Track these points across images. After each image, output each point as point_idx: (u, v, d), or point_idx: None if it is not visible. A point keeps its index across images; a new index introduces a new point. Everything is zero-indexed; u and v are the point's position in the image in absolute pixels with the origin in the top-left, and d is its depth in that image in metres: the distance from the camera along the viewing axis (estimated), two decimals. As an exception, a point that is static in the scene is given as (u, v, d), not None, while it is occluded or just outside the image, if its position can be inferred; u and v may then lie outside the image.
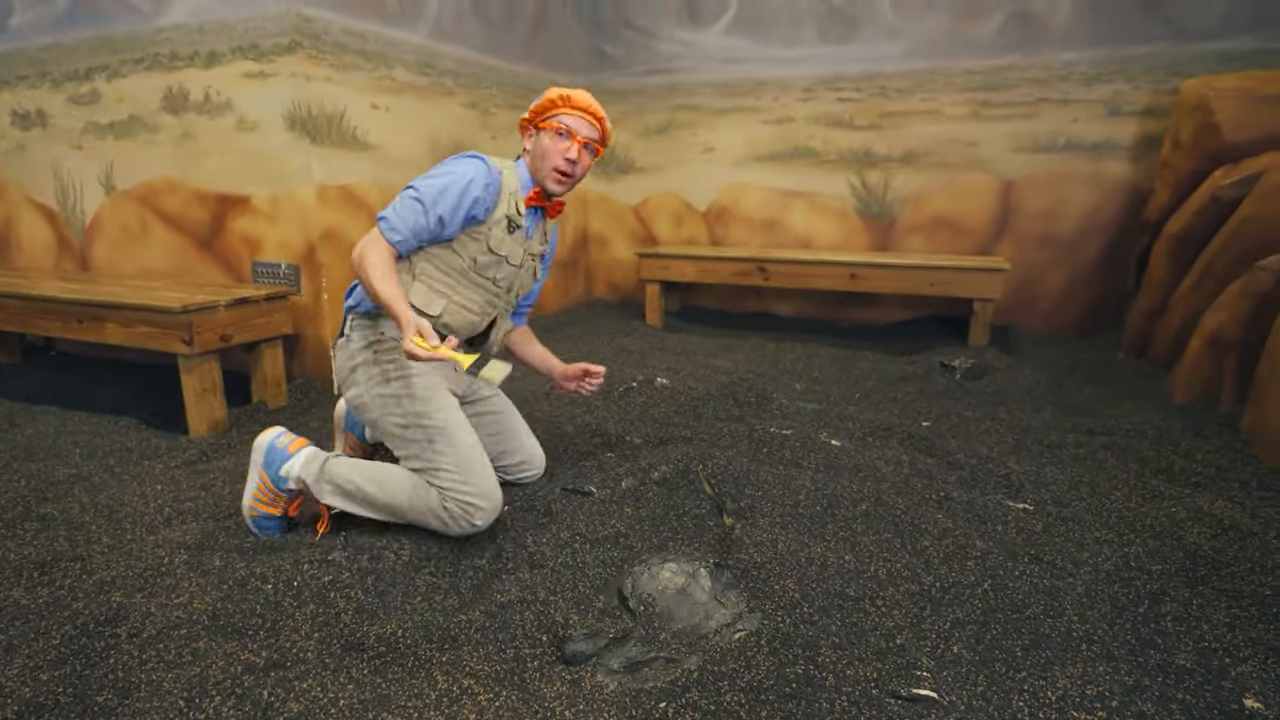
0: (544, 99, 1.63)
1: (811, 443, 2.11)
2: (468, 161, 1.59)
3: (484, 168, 1.58)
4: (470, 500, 1.52)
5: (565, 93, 1.62)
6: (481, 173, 1.57)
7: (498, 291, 1.72)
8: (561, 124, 1.61)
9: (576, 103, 1.62)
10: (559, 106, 1.62)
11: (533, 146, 1.66)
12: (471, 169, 1.57)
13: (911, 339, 3.70)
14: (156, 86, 2.74)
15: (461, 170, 1.56)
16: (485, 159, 1.61)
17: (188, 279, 2.85)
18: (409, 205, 1.53)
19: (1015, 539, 1.61)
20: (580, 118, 1.63)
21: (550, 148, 1.62)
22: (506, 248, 1.66)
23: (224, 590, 1.42)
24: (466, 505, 1.52)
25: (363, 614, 1.35)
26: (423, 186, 1.53)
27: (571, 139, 1.62)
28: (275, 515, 1.66)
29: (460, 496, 1.52)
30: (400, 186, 3.08)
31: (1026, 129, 3.53)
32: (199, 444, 2.30)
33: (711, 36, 4.06)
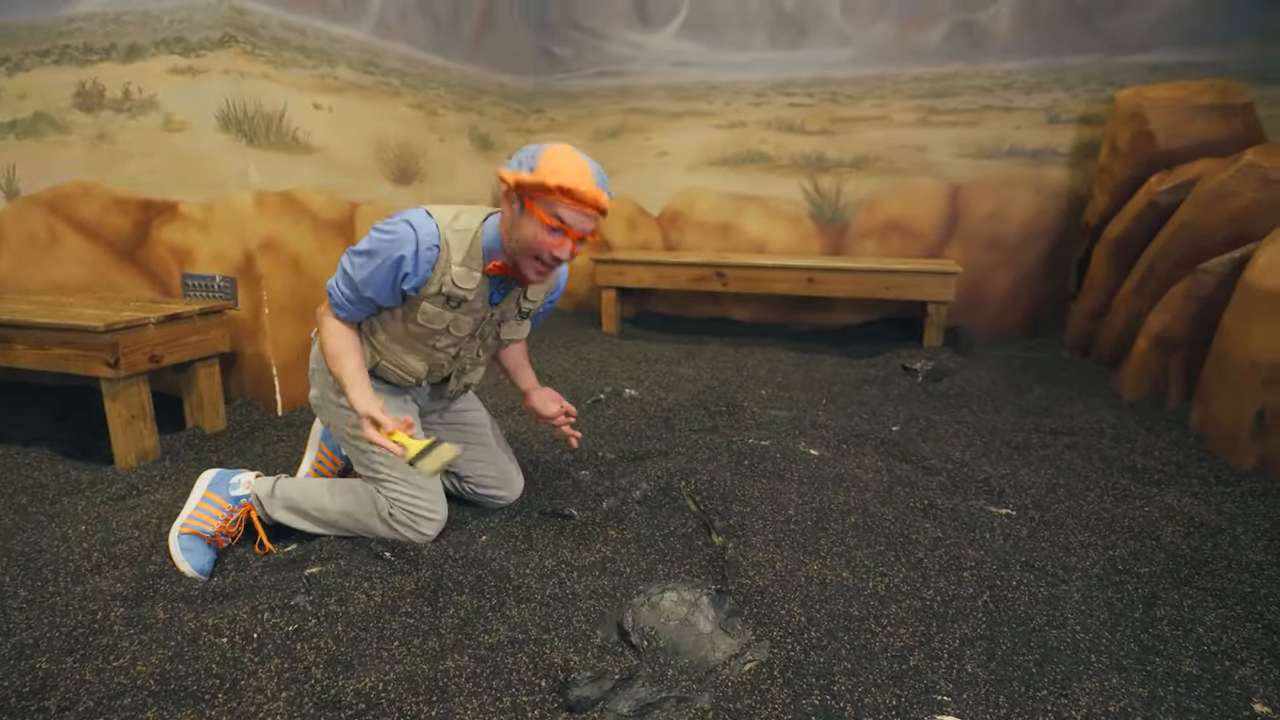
0: (539, 178, 1.33)
1: (791, 453, 2.08)
2: (403, 229, 1.42)
3: (414, 240, 1.41)
4: (417, 511, 1.58)
5: (567, 182, 1.32)
6: (411, 247, 1.42)
7: (442, 359, 1.62)
8: (556, 217, 1.36)
9: (581, 197, 1.34)
10: (558, 198, 1.34)
11: (513, 219, 1.40)
12: (404, 242, 1.41)
13: (867, 342, 3.75)
14: (67, 82, 2.48)
15: (390, 245, 1.42)
16: (428, 223, 1.43)
17: (107, 293, 2.60)
18: (345, 281, 1.47)
19: (1004, 546, 1.61)
20: (580, 211, 1.36)
21: (536, 236, 1.38)
22: (443, 321, 1.53)
23: (171, 648, 1.26)
24: (413, 515, 1.58)
25: (335, 666, 1.22)
26: (355, 263, 1.45)
27: (565, 235, 1.38)
28: (206, 533, 1.59)
29: (407, 506, 1.58)
30: (346, 192, 2.95)
31: (972, 135, 3.62)
32: (127, 476, 2.08)
33: (662, 39, 4.01)
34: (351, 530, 1.63)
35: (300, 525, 1.64)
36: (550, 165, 1.34)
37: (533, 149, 1.39)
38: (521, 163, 1.38)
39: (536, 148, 1.39)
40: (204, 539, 1.58)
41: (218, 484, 1.67)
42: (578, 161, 1.36)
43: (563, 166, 1.34)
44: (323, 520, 1.63)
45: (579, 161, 1.37)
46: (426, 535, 1.60)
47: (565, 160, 1.36)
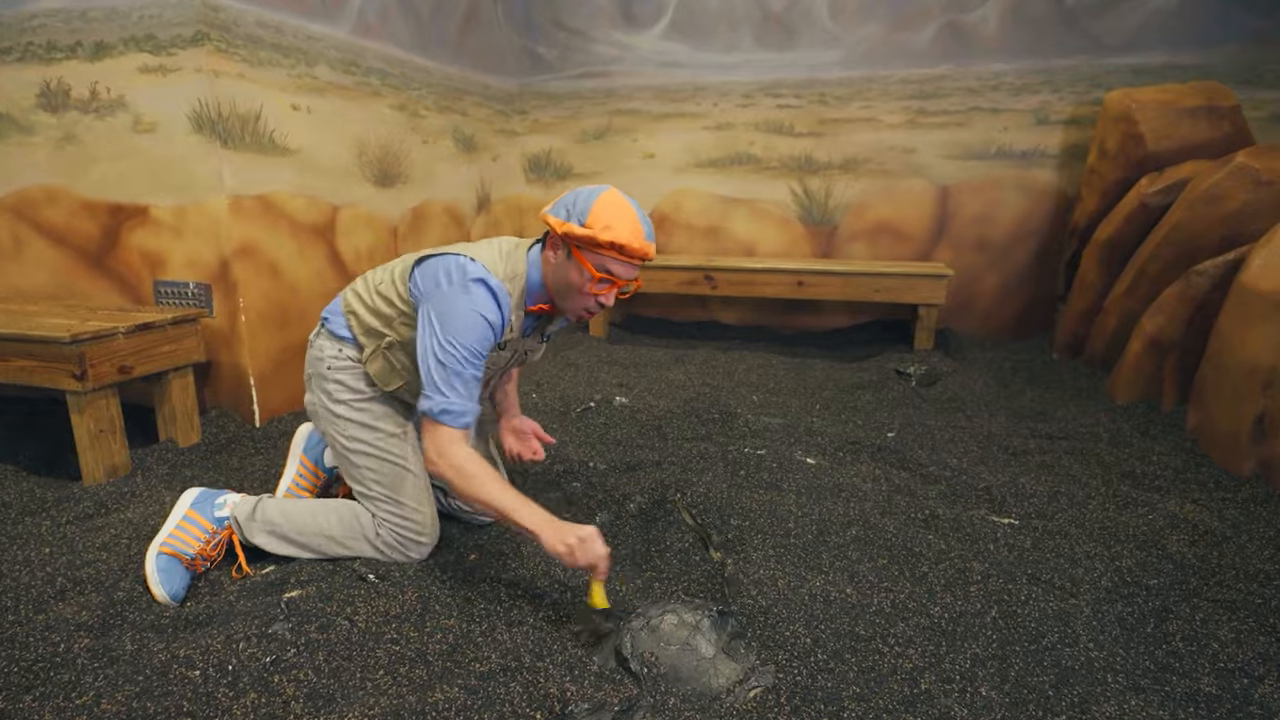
0: (592, 233, 1.30)
1: (788, 462, 2.03)
2: (484, 296, 1.36)
3: (499, 305, 1.37)
4: (406, 533, 1.52)
5: (619, 239, 1.30)
6: (498, 314, 1.38)
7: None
8: (605, 270, 1.35)
9: (633, 254, 1.34)
10: (610, 254, 1.33)
11: (558, 265, 1.39)
12: (492, 309, 1.36)
13: (857, 345, 3.72)
14: (30, 81, 2.38)
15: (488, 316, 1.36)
16: (492, 285, 1.36)
17: (74, 301, 2.49)
18: (457, 378, 1.34)
19: (1009, 558, 1.57)
20: (630, 265, 1.37)
21: (583, 287, 1.37)
22: (489, 360, 1.50)
23: (139, 683, 1.18)
24: (403, 539, 1.52)
25: (317, 700, 1.15)
26: (460, 349, 1.33)
27: (613, 284, 1.38)
28: (186, 555, 1.51)
29: (397, 528, 1.52)
30: (326, 196, 2.85)
31: (960, 137, 3.61)
32: (95, 494, 1.99)
33: (648, 40, 3.96)
34: (333, 555, 1.55)
35: (280, 550, 1.56)
36: (602, 219, 1.32)
37: (583, 196, 1.36)
38: (571, 212, 1.35)
39: (587, 194, 1.36)
40: (182, 561, 1.49)
41: (201, 503, 1.58)
42: (629, 215, 1.34)
43: (615, 221, 1.32)
44: (303, 545, 1.55)
45: (630, 215, 1.35)
46: (412, 558, 1.54)
47: (617, 214, 1.33)
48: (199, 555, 1.51)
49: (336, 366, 1.53)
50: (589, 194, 1.36)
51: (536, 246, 1.48)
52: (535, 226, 4.40)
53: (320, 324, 1.58)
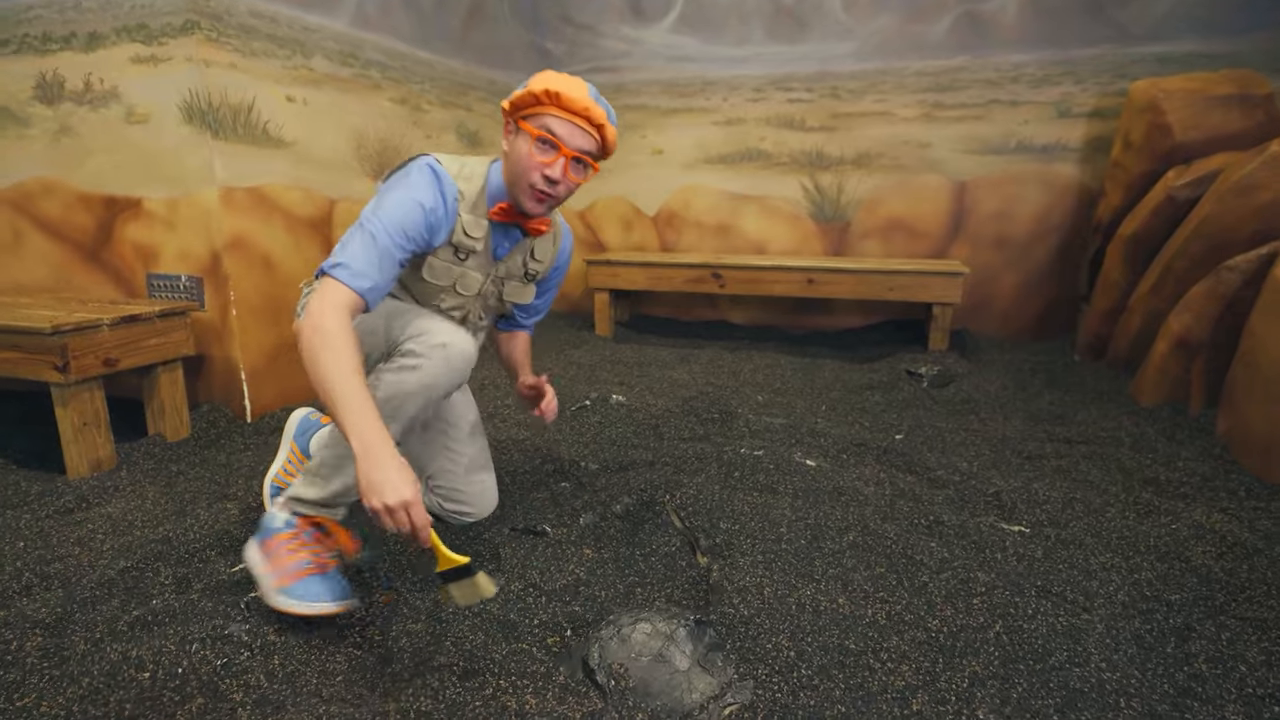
0: (526, 88, 1.28)
1: (786, 464, 1.94)
2: (427, 176, 1.31)
3: (439, 187, 1.31)
4: (424, 342, 1.27)
5: (554, 86, 1.24)
6: (437, 193, 1.31)
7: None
8: (545, 128, 1.26)
9: (568, 103, 1.25)
10: (543, 104, 1.26)
11: (510, 149, 1.33)
12: (431, 188, 1.30)
13: (869, 345, 3.61)
14: (26, 73, 2.37)
15: (422, 191, 1.29)
16: (437, 170, 1.32)
17: (70, 294, 2.48)
18: (368, 242, 1.20)
19: (1017, 568, 1.46)
20: (571, 122, 1.26)
21: (528, 157, 1.28)
22: (450, 276, 1.42)
23: (85, 685, 1.13)
24: (426, 345, 1.27)
25: (265, 708, 1.09)
26: (384, 216, 1.23)
27: (557, 151, 1.27)
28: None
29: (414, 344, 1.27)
30: (323, 189, 2.82)
31: (978, 131, 3.48)
32: (78, 487, 1.95)
33: (657, 34, 3.89)
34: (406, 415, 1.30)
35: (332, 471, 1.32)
36: (541, 79, 1.28)
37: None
38: (518, 88, 1.32)
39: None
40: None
41: (302, 436, 1.62)
42: (571, 79, 1.29)
43: (553, 78, 1.28)
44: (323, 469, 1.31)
45: (573, 78, 1.29)
46: (456, 366, 1.28)
47: (556, 76, 1.29)
48: (307, 555, 1.30)
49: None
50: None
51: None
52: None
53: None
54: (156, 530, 1.68)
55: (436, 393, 1.29)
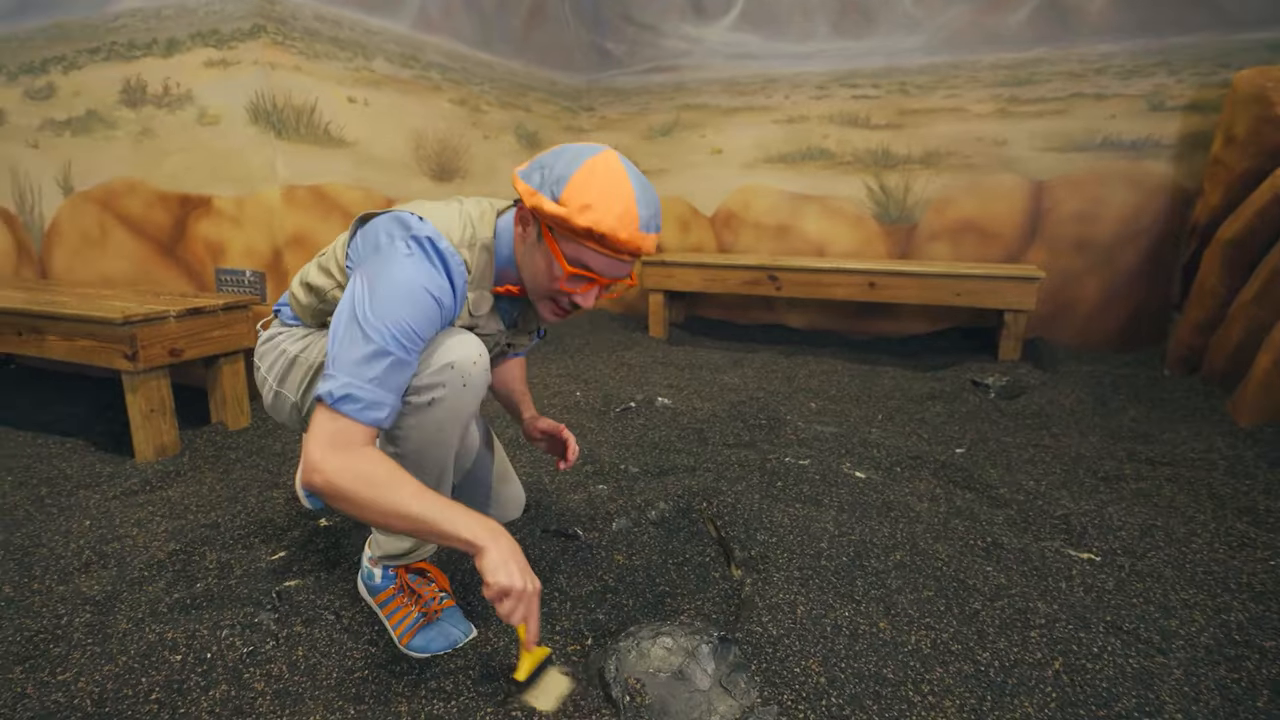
0: (565, 213, 1.02)
1: (833, 475, 1.84)
2: (426, 269, 1.04)
3: (448, 277, 1.07)
4: (429, 370, 1.08)
5: (603, 229, 1.01)
6: (446, 285, 1.07)
7: None
8: (581, 264, 1.07)
9: (618, 244, 1.04)
10: (583, 241, 1.04)
11: (527, 246, 1.12)
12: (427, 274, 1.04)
13: (935, 353, 3.43)
14: (114, 78, 2.52)
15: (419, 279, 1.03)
16: (441, 249, 1.06)
17: (149, 287, 2.62)
18: (374, 356, 0.98)
19: (1084, 600, 1.33)
20: (613, 260, 1.07)
21: (545, 273, 1.10)
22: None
23: (121, 664, 1.16)
24: (412, 395, 1.08)
25: (284, 700, 1.09)
26: (387, 323, 0.99)
27: (591, 282, 1.10)
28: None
29: (419, 379, 1.08)
30: (381, 189, 2.89)
31: (1059, 126, 3.26)
32: (144, 471, 2.05)
33: (718, 31, 3.82)
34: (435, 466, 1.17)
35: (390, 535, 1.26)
36: (581, 196, 1.02)
37: (566, 158, 1.06)
38: (545, 179, 1.05)
39: (571, 156, 1.06)
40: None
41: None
42: (620, 193, 1.03)
43: (599, 200, 1.02)
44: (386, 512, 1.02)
45: (622, 193, 1.03)
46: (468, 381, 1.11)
47: (604, 190, 1.02)
48: (418, 610, 1.25)
49: (283, 332, 1.34)
50: (573, 156, 1.05)
51: (511, 212, 1.18)
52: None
53: (270, 320, 1.40)
54: (209, 515, 1.74)
55: (467, 413, 1.14)
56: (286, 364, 1.29)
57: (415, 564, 1.30)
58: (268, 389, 1.33)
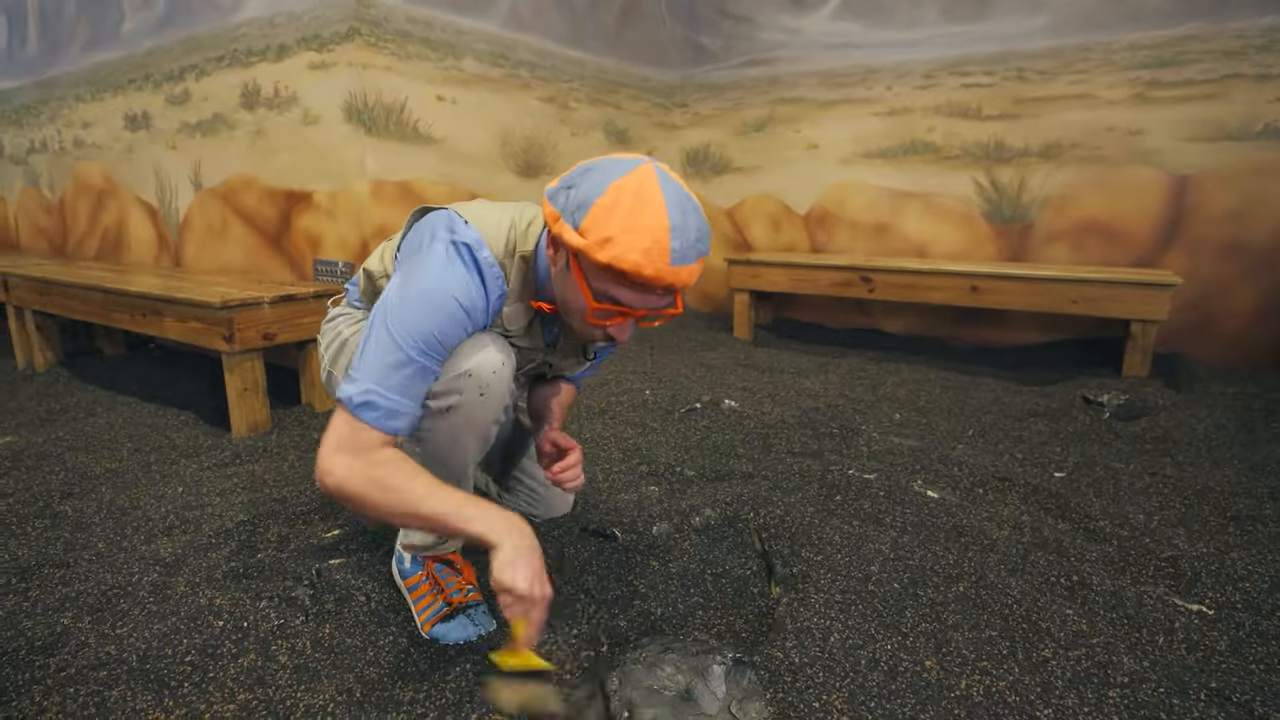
0: (585, 244, 0.94)
1: (900, 492, 1.69)
2: (459, 276, 1.03)
3: (474, 276, 1.04)
4: (446, 377, 1.06)
5: (627, 264, 0.92)
6: (479, 295, 1.05)
7: None
8: (607, 297, 0.99)
9: (643, 280, 0.94)
10: (605, 274, 0.96)
11: (559, 274, 1.05)
12: (459, 281, 1.02)
13: (1047, 366, 3.11)
14: (235, 83, 2.74)
15: (448, 287, 1.02)
16: (478, 257, 1.04)
17: (259, 276, 2.83)
18: (398, 363, 0.98)
19: (1185, 659, 1.13)
20: (646, 294, 0.99)
21: (577, 303, 1.03)
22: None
23: (169, 624, 1.24)
24: (431, 399, 1.06)
25: (303, 674, 1.12)
26: (411, 329, 0.99)
27: (622, 316, 1.02)
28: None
29: (436, 384, 1.06)
30: (467, 184, 2.98)
31: (1209, 113, 2.86)
32: (236, 445, 2.21)
33: (817, 22, 3.65)
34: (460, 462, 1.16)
35: (416, 532, 1.26)
36: (603, 227, 0.92)
37: (590, 180, 0.96)
38: (569, 204, 0.96)
39: (597, 179, 0.96)
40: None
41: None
42: (649, 224, 0.92)
43: (622, 234, 0.92)
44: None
45: (650, 222, 0.92)
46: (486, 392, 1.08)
47: (629, 222, 0.92)
48: (442, 600, 1.25)
49: (345, 314, 1.36)
50: (601, 177, 0.95)
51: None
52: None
53: (338, 298, 1.43)
54: (281, 490, 1.84)
55: (485, 422, 1.11)
56: (339, 346, 1.33)
57: (442, 555, 1.30)
58: (323, 369, 1.37)
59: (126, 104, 3.26)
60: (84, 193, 3.64)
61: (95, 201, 3.59)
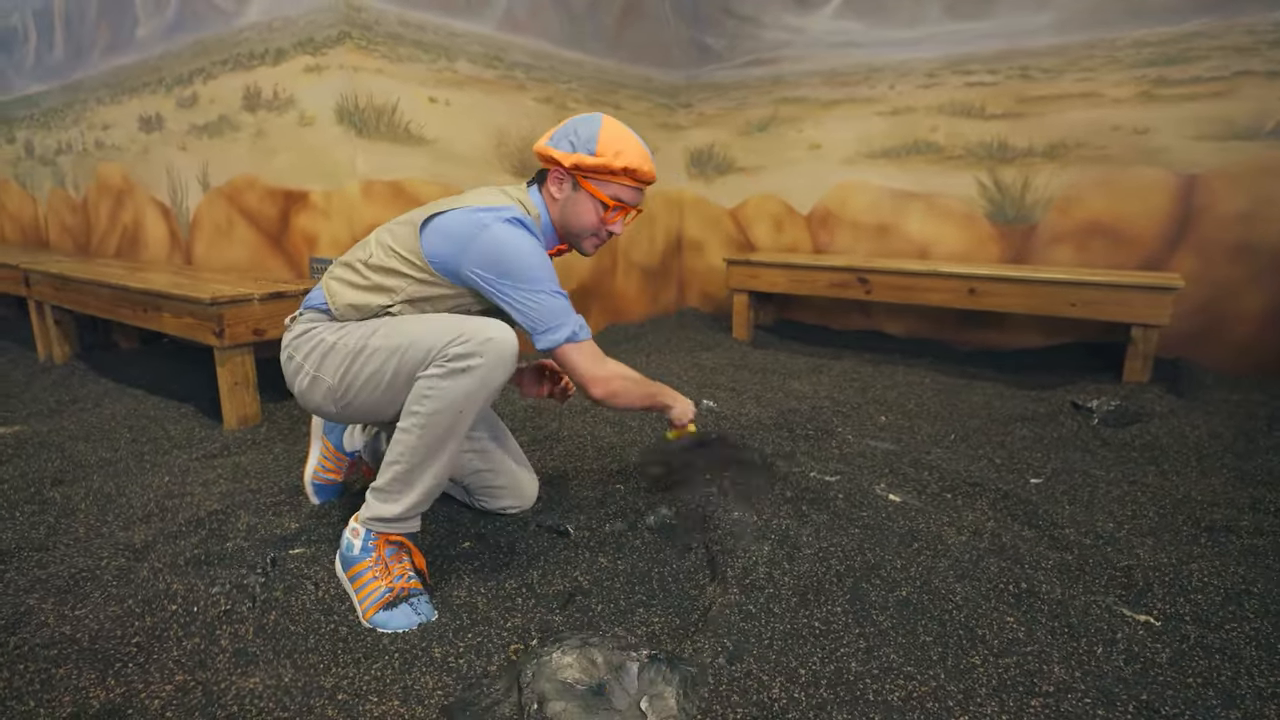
0: (603, 161, 1.35)
1: (860, 495, 1.68)
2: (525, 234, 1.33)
3: (533, 235, 1.35)
4: (471, 341, 1.22)
5: (632, 164, 1.36)
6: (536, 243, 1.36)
7: None
8: (616, 197, 1.39)
9: (643, 177, 1.40)
10: (619, 178, 1.38)
11: (564, 199, 1.41)
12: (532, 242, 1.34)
13: (1048, 370, 3.04)
14: (237, 86, 2.82)
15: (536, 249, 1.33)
16: (526, 222, 1.34)
17: (261, 274, 2.91)
18: (556, 298, 1.33)
19: (1122, 671, 1.11)
20: (636, 189, 1.43)
21: (592, 214, 1.40)
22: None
23: (125, 606, 1.29)
24: (450, 360, 1.22)
25: (240, 660, 1.16)
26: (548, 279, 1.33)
27: (623, 211, 1.43)
28: (335, 481, 1.72)
29: (460, 347, 1.22)
30: (462, 184, 3.02)
31: (1218, 111, 2.77)
32: (226, 437, 2.28)
33: (820, 20, 3.62)
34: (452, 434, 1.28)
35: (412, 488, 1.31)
36: (612, 146, 1.36)
37: (584, 125, 1.38)
38: (576, 144, 1.37)
39: (587, 123, 1.38)
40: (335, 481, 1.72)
41: (331, 433, 1.71)
42: (634, 139, 1.40)
43: (624, 147, 1.37)
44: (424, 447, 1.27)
45: (634, 139, 1.40)
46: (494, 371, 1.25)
47: (624, 140, 1.38)
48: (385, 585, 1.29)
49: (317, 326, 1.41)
50: (589, 122, 1.38)
51: (534, 187, 1.46)
52: (695, 223, 4.28)
53: (297, 315, 1.46)
54: (258, 481, 1.90)
55: (493, 387, 1.27)
56: (325, 350, 1.36)
57: (395, 535, 1.33)
58: (303, 375, 1.39)
59: (141, 106, 3.37)
60: (105, 192, 3.78)
61: (115, 201, 3.72)
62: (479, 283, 1.31)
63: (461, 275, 1.32)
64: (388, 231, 1.39)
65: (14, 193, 4.62)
